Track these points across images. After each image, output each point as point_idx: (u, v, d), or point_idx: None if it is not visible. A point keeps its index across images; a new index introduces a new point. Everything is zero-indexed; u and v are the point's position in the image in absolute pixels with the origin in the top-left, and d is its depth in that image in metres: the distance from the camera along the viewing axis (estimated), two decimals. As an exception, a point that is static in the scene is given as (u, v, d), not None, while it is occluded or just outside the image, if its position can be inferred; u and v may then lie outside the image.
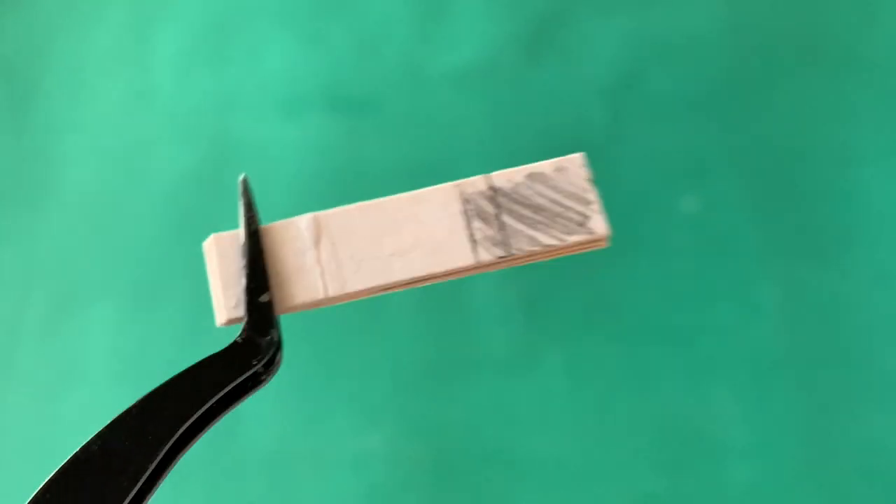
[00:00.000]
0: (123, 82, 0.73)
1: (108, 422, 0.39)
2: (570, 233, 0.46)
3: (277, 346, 0.43)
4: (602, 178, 0.65)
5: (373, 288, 0.45)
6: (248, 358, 0.42)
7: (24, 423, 0.64)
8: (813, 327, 0.60)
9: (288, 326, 0.66)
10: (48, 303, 0.67)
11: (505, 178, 0.47)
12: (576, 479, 0.59)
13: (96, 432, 0.39)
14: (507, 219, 0.46)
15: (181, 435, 0.41)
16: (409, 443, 0.62)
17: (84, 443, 0.38)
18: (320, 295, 0.44)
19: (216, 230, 0.63)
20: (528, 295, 0.58)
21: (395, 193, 0.46)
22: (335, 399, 0.63)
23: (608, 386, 0.61)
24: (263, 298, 0.43)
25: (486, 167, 0.68)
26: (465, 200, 0.46)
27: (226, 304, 0.44)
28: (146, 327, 0.64)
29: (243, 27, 0.73)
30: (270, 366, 0.44)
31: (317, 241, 0.45)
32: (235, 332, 0.42)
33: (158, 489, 0.39)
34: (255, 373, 0.43)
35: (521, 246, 0.45)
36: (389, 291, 0.46)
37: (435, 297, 0.56)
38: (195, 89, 0.73)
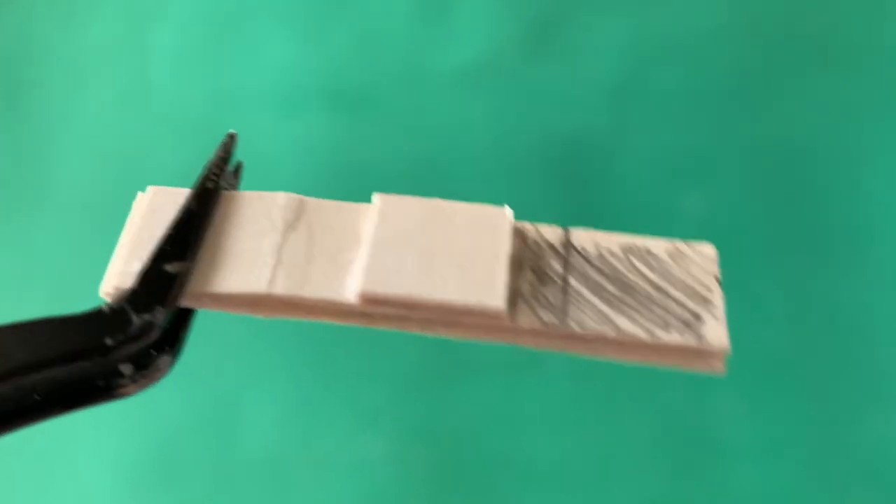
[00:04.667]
0: (120, 80, 0.70)
1: None
2: (668, 328, 0.28)
3: (158, 334, 0.27)
4: (605, 177, 0.64)
5: (333, 302, 0.28)
6: (103, 332, 0.26)
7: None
8: (819, 328, 0.58)
9: (286, 327, 0.61)
10: (46, 303, 0.61)
11: (591, 239, 0.31)
12: (580, 482, 0.56)
13: None
14: (575, 283, 0.29)
15: None
16: (411, 446, 0.58)
17: None
18: (258, 287, 0.28)
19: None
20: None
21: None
22: (335, 402, 0.59)
23: (612, 388, 0.58)
24: (171, 268, 0.28)
25: (487, 167, 0.64)
26: (523, 246, 0.31)
27: (122, 266, 0.29)
28: None
29: (242, 24, 0.71)
30: (142, 371, 0.27)
31: (289, 226, 0.30)
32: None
33: None
34: (116, 373, 0.27)
35: (585, 321, 0.28)
36: (349, 322, 0.29)
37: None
38: (193, 87, 0.69)
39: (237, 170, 0.35)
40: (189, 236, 0.29)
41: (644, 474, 0.56)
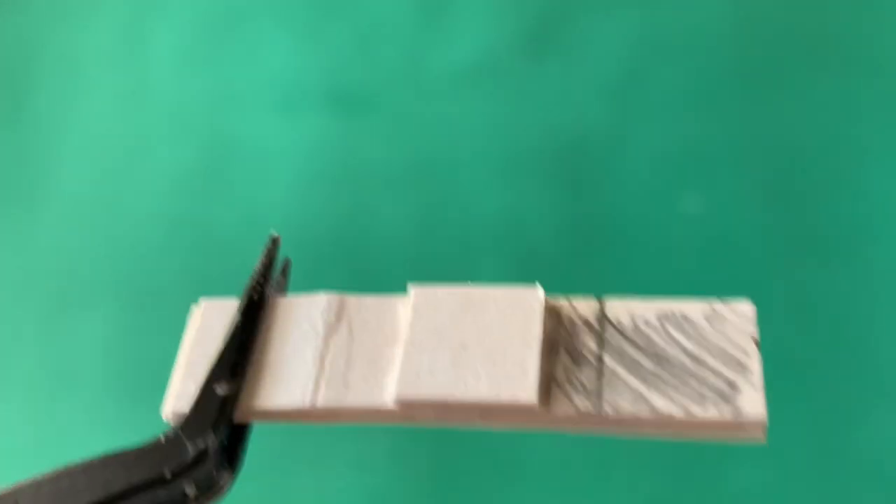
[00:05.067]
0: (119, 80, 0.70)
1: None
2: (703, 403, 0.28)
3: (213, 459, 0.29)
4: (605, 177, 0.63)
5: (373, 409, 0.30)
6: (161, 463, 0.28)
7: (21, 425, 0.61)
8: (820, 327, 0.57)
9: None
10: (44, 304, 0.64)
11: (626, 310, 0.31)
12: (580, 481, 0.56)
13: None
14: (610, 362, 0.30)
15: None
16: (411, 445, 0.57)
17: None
18: (302, 403, 0.30)
19: (215, 229, 0.58)
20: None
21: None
22: None
23: None
24: (221, 390, 0.30)
25: (487, 167, 0.63)
26: (557, 324, 0.31)
27: (178, 389, 0.31)
28: (144, 327, 0.61)
29: (241, 24, 0.71)
30: (207, 491, 0.29)
31: (330, 329, 0.32)
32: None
33: None
34: (177, 493, 0.29)
35: (620, 404, 0.29)
36: (392, 423, 0.31)
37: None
38: (192, 87, 0.70)
39: (285, 269, 0.36)
40: (237, 355, 0.31)
41: (644, 474, 0.56)
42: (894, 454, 0.54)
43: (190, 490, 0.29)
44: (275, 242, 0.35)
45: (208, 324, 0.32)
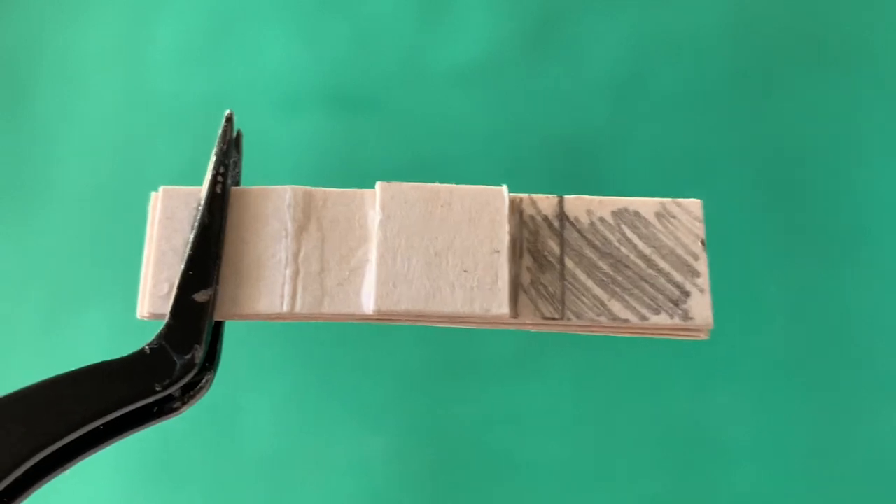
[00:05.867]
0: (120, 80, 0.69)
1: None
2: (656, 310, 0.31)
3: (200, 369, 0.30)
4: (605, 177, 0.65)
5: (351, 315, 0.31)
6: (151, 378, 0.29)
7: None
8: (820, 328, 0.59)
9: (287, 327, 0.62)
10: (44, 304, 0.63)
11: (584, 206, 0.33)
12: (581, 483, 0.57)
13: None
14: (570, 265, 0.32)
15: (56, 451, 0.29)
16: (412, 447, 0.59)
17: None
18: (281, 309, 0.31)
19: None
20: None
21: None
22: (336, 402, 0.60)
23: (613, 388, 0.59)
24: (200, 297, 0.30)
25: (490, 167, 0.64)
26: (520, 222, 0.32)
27: (152, 289, 0.31)
28: (144, 327, 0.58)
29: (241, 23, 0.69)
30: (189, 392, 0.31)
31: (300, 228, 0.32)
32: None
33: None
34: (167, 396, 0.30)
35: (582, 311, 0.31)
36: (368, 322, 0.32)
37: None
38: (193, 87, 0.69)
39: (237, 142, 0.35)
40: (209, 259, 0.31)
41: (644, 474, 0.57)
42: (894, 454, 0.57)
43: (175, 393, 0.30)
44: (229, 121, 0.34)
45: (171, 215, 0.32)
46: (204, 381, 0.31)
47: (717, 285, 0.33)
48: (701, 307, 0.31)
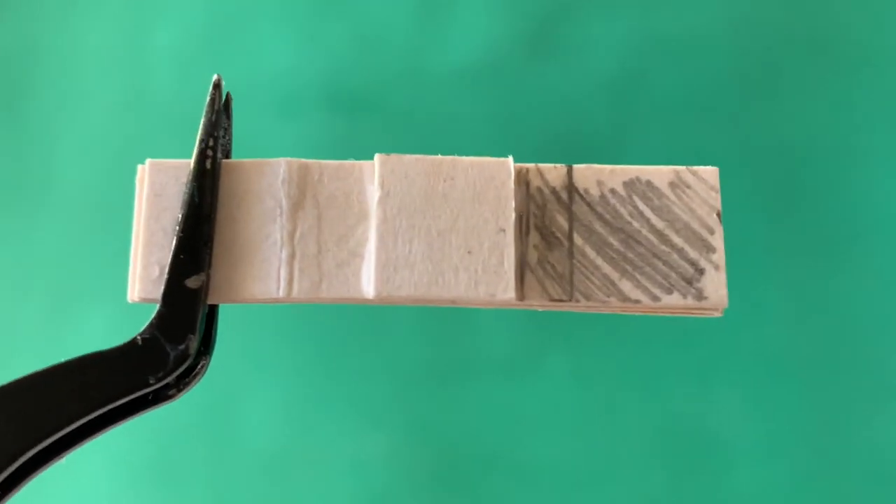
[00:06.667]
0: (120, 80, 0.68)
1: None
2: (668, 289, 0.30)
3: (194, 359, 0.29)
4: None
5: (350, 299, 0.30)
6: (144, 370, 0.28)
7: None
8: (820, 328, 0.59)
9: (283, 318, 0.62)
10: (44, 304, 0.63)
11: (594, 176, 0.31)
12: (581, 482, 0.58)
13: None
14: (580, 242, 0.30)
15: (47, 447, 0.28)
16: (411, 446, 0.59)
17: None
18: (275, 294, 0.29)
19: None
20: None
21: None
22: (335, 401, 0.60)
23: (613, 388, 0.59)
24: (192, 283, 0.29)
25: None
26: (526, 196, 0.31)
27: (142, 273, 0.30)
28: (144, 325, 0.57)
29: (241, 24, 0.69)
30: (185, 379, 0.30)
31: (295, 205, 0.30)
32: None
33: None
34: (159, 388, 0.29)
35: (591, 291, 0.30)
36: (364, 303, 0.31)
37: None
38: (193, 87, 0.67)
39: (227, 107, 0.33)
40: (200, 242, 0.29)
41: (644, 474, 0.57)
42: (894, 454, 0.57)
43: (171, 381, 0.29)
44: (217, 87, 0.32)
45: (160, 191, 0.31)
46: (199, 366, 0.30)
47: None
48: (716, 285, 0.30)
